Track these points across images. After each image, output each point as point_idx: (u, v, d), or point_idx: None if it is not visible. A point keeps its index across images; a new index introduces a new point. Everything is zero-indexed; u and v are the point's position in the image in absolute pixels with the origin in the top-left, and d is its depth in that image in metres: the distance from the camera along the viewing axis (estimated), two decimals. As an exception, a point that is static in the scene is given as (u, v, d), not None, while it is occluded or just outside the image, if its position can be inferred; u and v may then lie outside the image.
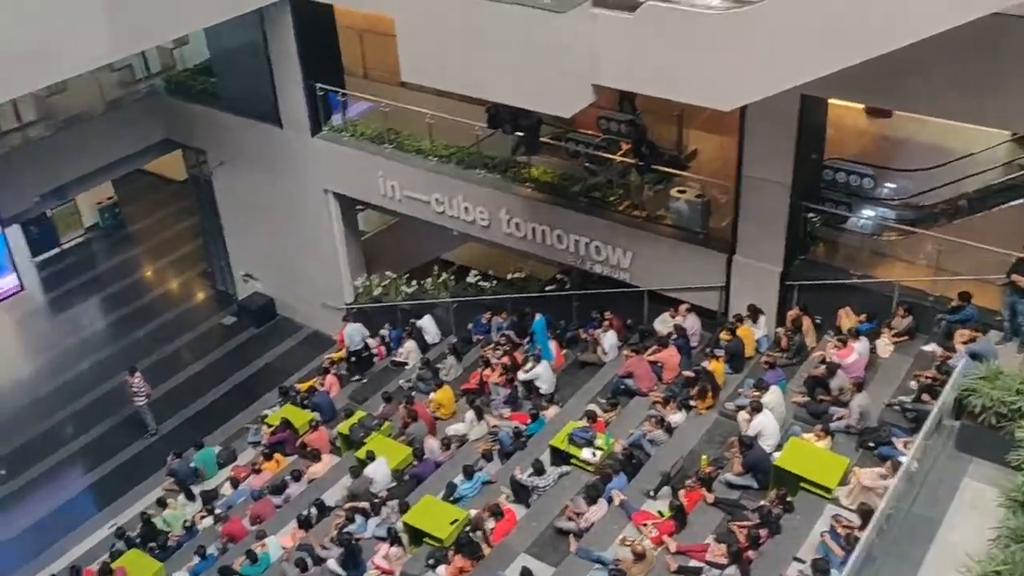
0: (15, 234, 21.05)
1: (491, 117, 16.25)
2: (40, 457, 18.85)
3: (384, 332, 19.51)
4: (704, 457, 12.75)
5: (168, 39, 19.28)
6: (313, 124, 18.76)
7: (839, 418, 12.54)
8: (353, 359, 18.76)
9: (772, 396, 12.83)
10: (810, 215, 14.71)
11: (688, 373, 14.40)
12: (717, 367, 14.05)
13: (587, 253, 16.30)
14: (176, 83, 20.99)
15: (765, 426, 12.36)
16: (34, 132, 19.75)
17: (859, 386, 12.59)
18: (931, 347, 13.34)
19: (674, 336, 15.11)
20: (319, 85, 18.37)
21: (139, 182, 26.82)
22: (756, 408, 12.49)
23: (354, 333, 18.83)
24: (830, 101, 14.27)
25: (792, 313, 14.49)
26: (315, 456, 15.69)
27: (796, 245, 14.66)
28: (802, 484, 11.60)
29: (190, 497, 16.06)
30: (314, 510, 14.46)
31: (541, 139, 17.09)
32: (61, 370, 21.25)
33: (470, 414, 15.22)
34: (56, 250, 25.05)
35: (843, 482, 11.54)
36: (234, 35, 19.01)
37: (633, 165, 16.00)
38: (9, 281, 18.63)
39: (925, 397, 12.09)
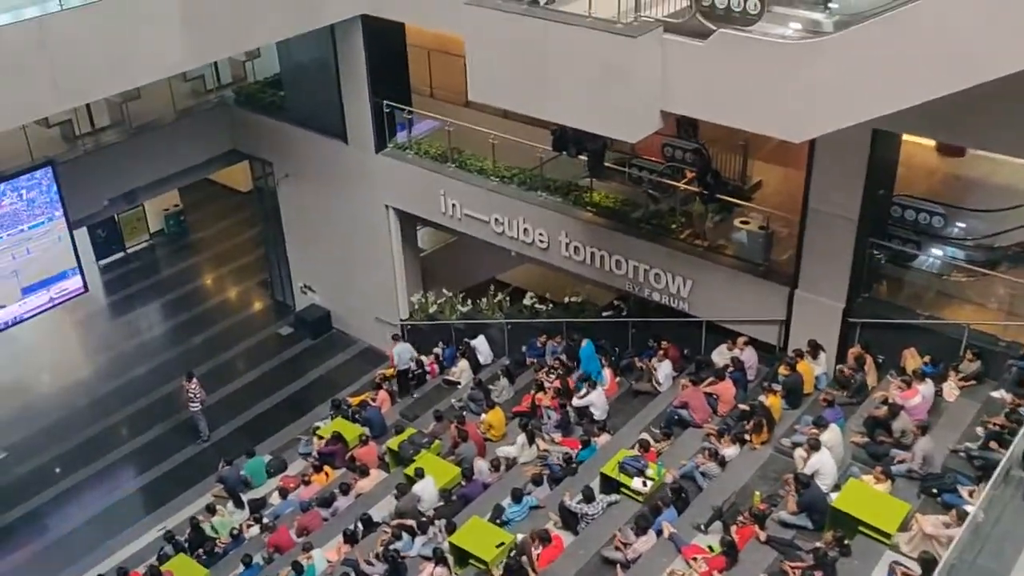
0: (82, 236, 21.47)
1: (556, 139, 16.23)
2: (94, 457, 19.12)
3: (437, 350, 19.53)
4: (757, 493, 12.47)
5: (242, 51, 19.66)
6: (378, 140, 18.92)
7: (900, 461, 12.19)
8: (408, 379, 18.82)
9: (831, 435, 12.51)
10: (875, 252, 14.41)
11: (744, 407, 14.14)
12: (774, 402, 13.77)
13: (646, 280, 16.14)
14: (246, 95, 21.34)
15: (823, 465, 12.05)
16: (107, 137, 20.18)
17: (923, 429, 12.23)
18: (1000, 393, 12.93)
19: (731, 369, 14.87)
20: (386, 102, 18.52)
21: (205, 191, 27.35)
22: (814, 446, 12.19)
23: (403, 352, 18.95)
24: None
25: (854, 351, 14.17)
26: (364, 471, 15.68)
27: (860, 282, 14.35)
28: (860, 527, 11.27)
29: (239, 505, 16.16)
30: (360, 525, 14.43)
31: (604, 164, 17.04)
32: (119, 373, 21.60)
33: (522, 437, 15.10)
34: (121, 254, 25.58)
35: (903, 528, 11.18)
36: (305, 50, 19.32)
37: (697, 194, 15.82)
38: (75, 282, 18.99)
39: (993, 445, 11.72)
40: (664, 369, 16.09)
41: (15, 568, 16.87)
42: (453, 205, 18.16)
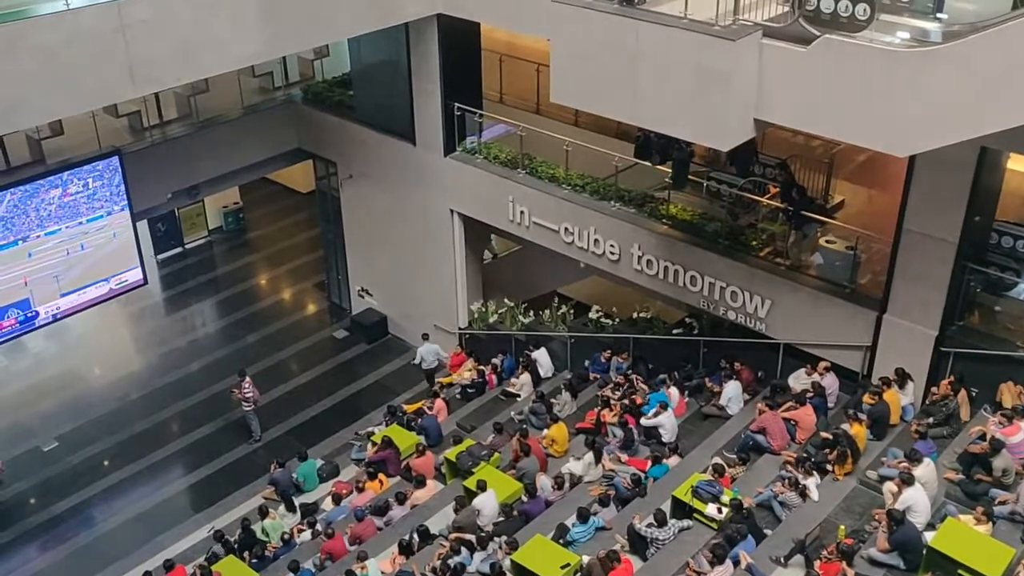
0: (142, 230, 21.34)
1: (639, 147, 15.67)
2: (145, 452, 18.84)
3: (496, 360, 19.02)
4: (842, 527, 11.75)
5: (318, 44, 19.62)
6: (447, 143, 18.49)
7: (1002, 502, 11.40)
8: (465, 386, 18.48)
9: (925, 469, 11.74)
10: (971, 278, 13.64)
11: (826, 435, 13.41)
12: (859, 431, 13.03)
13: (721, 298, 15.49)
14: (314, 93, 21.09)
15: (916, 502, 11.29)
16: (173, 130, 20.04)
17: (1029, 469, 11.46)
18: (1110, 434, 12.09)
19: (811, 394, 14.16)
20: (457, 105, 18.11)
21: (264, 190, 27.27)
22: (907, 480, 11.44)
23: (427, 353, 19.26)
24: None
25: (946, 382, 13.39)
26: (420, 481, 15.18)
27: (955, 309, 13.59)
28: (960, 571, 10.49)
29: (290, 508, 15.72)
30: (416, 536, 13.92)
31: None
32: (172, 368, 21.35)
33: (589, 455, 14.49)
34: (179, 249, 25.43)
35: (1008, 575, 10.40)
36: (377, 49, 19.01)
37: (781, 210, 15.15)
38: (135, 274, 18.85)
39: (1104, 489, 10.90)
40: (730, 389, 15.43)
41: (61, 559, 16.57)
42: (522, 212, 17.66)
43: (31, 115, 13.24)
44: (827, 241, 14.69)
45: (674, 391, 15.98)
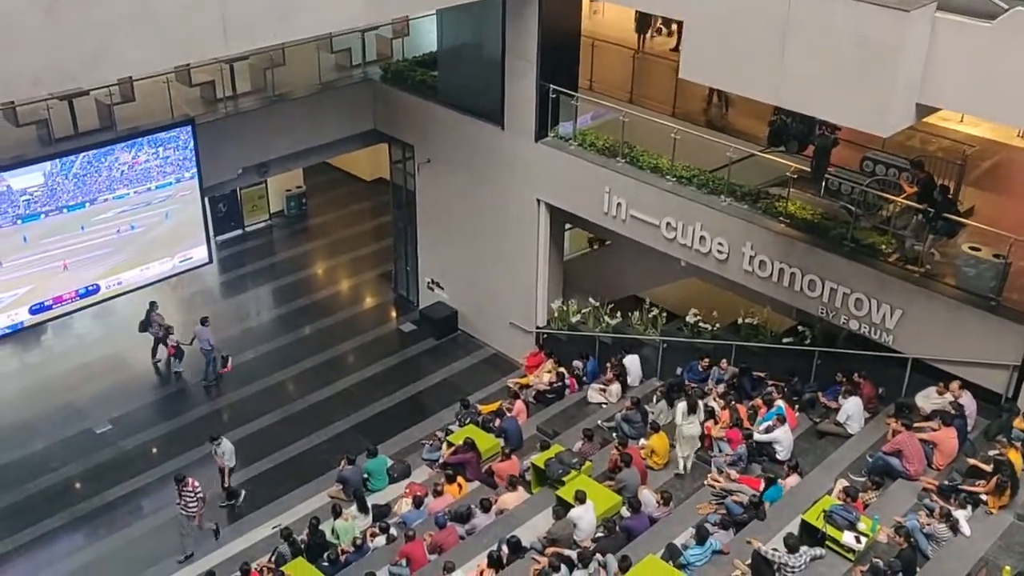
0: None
1: (774, 132, 14.37)
2: (200, 441, 17.51)
3: (578, 363, 17.79)
4: (1007, 568, 10.40)
5: (419, 12, 18.70)
6: (539, 128, 17.27)
7: None
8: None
9: (1107, 507, 10.40)
10: None
11: (975, 462, 12.02)
12: (1016, 459, 11.66)
13: (843, 306, 14.16)
14: (393, 72, 19.97)
15: (1099, 543, 9.95)
16: (246, 103, 19.00)
17: None
18: None
19: (952, 415, 12.79)
20: (552, 87, 16.89)
21: (327, 176, 26.31)
22: (1086, 519, 10.10)
23: (229, 451, 15.76)
24: None
25: (1113, 409, 12.02)
26: (511, 484, 13.92)
27: (1124, 329, 12.21)
28: None
29: (363, 509, 14.50)
30: (505, 548, 12.66)
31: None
32: (227, 355, 20.19)
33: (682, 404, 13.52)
34: (239, 232, 24.42)
35: None
36: (468, 25, 17.89)
37: (920, 211, 13.78)
38: (200, 252, 17.86)
39: None
40: (849, 406, 14.10)
41: (113, 550, 15.46)
42: (618, 204, 16.41)
43: (115, 66, 12.21)
44: (971, 248, 13.31)
45: (780, 403, 14.65)
